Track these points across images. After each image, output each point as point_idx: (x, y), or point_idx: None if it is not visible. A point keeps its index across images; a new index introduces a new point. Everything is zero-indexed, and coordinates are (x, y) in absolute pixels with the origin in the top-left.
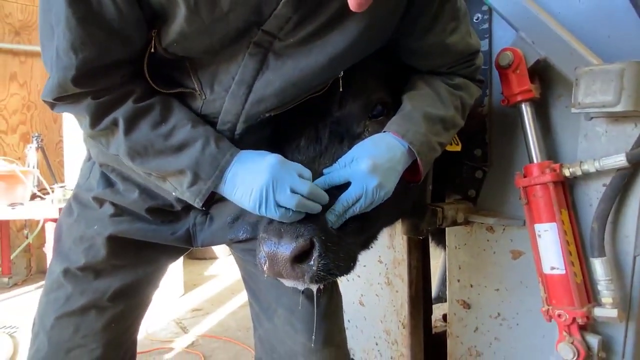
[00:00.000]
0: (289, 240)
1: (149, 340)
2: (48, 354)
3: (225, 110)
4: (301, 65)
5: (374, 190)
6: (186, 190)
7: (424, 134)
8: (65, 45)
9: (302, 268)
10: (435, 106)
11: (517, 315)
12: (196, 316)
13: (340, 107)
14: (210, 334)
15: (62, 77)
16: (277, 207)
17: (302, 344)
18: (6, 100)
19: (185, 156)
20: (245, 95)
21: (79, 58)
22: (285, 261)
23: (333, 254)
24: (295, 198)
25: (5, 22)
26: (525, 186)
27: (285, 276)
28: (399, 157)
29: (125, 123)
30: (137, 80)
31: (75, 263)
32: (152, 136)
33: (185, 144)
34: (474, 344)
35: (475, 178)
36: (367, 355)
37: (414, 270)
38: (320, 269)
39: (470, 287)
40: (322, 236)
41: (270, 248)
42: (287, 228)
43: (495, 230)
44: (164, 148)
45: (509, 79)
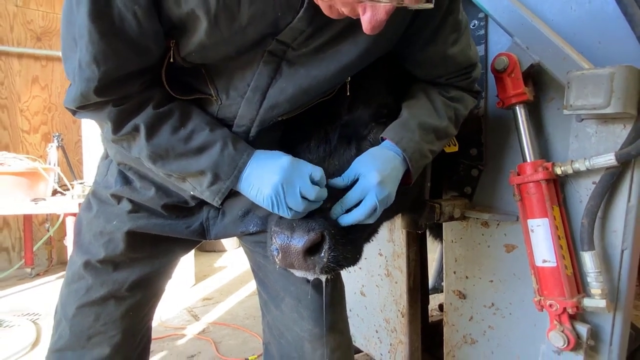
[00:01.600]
0: (302, 233)
1: (163, 327)
2: (71, 340)
3: (240, 115)
4: (313, 73)
5: (384, 202)
6: (206, 189)
7: (417, 142)
8: (88, 58)
9: (313, 260)
10: (431, 116)
11: (510, 305)
12: (207, 305)
13: (349, 111)
14: (220, 321)
15: (85, 88)
16: (288, 209)
17: (308, 330)
18: (29, 102)
19: (205, 158)
20: (260, 102)
21: (101, 70)
22: (297, 253)
23: (342, 247)
24: (303, 204)
25: (27, 29)
26: (518, 184)
27: (297, 267)
28: (398, 165)
29: (147, 129)
30: (155, 87)
31: (96, 256)
32: (172, 140)
33: (204, 147)
34: (469, 332)
35: (471, 176)
36: (367, 342)
37: (412, 262)
38: (330, 261)
39: (466, 278)
40: (331, 230)
41: (283, 241)
42: (299, 222)
43: (489, 225)
44: (185, 151)
45: (504, 82)
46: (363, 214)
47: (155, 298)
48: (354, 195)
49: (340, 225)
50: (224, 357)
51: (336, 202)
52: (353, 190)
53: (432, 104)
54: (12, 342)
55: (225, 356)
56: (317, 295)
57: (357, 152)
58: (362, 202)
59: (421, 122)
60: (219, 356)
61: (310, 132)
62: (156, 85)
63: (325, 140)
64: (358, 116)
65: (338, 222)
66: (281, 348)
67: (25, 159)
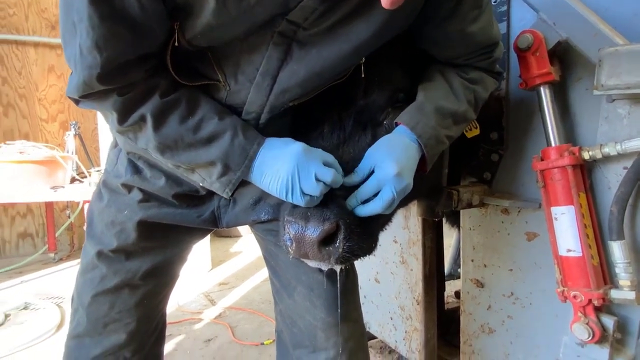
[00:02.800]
0: (316, 223)
1: (181, 311)
2: (88, 328)
3: (249, 101)
4: (325, 54)
5: (402, 193)
6: (216, 180)
7: (433, 127)
8: (89, 44)
9: (328, 250)
10: (448, 99)
11: (530, 295)
12: (223, 289)
13: (365, 96)
14: (236, 306)
15: (87, 75)
16: (302, 195)
17: (321, 319)
18: (46, 90)
19: (215, 148)
20: (270, 87)
21: (104, 56)
22: (312, 244)
23: (357, 236)
24: (319, 186)
25: (42, 17)
26: (542, 169)
27: (311, 258)
28: (414, 153)
29: (154, 119)
30: (161, 73)
31: (108, 246)
32: (181, 130)
33: (214, 136)
34: (487, 321)
35: (491, 161)
36: (382, 328)
37: (428, 250)
38: (345, 251)
39: (484, 267)
40: (347, 220)
41: (297, 231)
42: (313, 211)
43: (510, 212)
44: (194, 141)
45: (528, 61)
46: (380, 206)
47: (169, 286)
48: (370, 187)
49: (355, 214)
50: (239, 341)
51: (351, 190)
52: (369, 181)
53: (449, 86)
54: (38, 324)
55: (241, 340)
56: (330, 284)
57: (373, 138)
58: (379, 195)
59: (438, 106)
60: (235, 340)
61: (323, 118)
62: (162, 72)
63: (340, 126)
64: (374, 100)
65: (353, 211)
66: (293, 336)
67: (44, 148)
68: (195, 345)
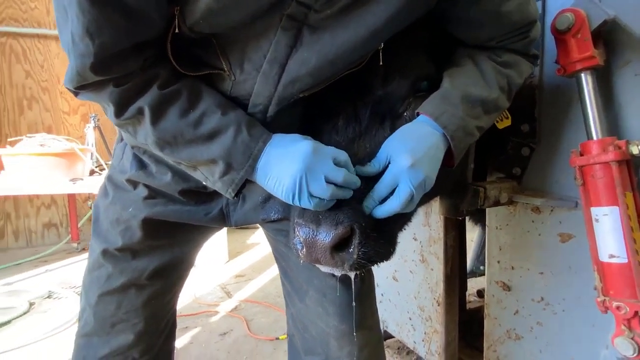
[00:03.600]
0: (328, 227)
1: (197, 303)
2: (95, 328)
3: (256, 93)
4: (339, 39)
5: (421, 187)
6: (218, 180)
7: (461, 117)
8: (80, 30)
9: (342, 256)
10: (478, 86)
11: (563, 301)
12: (239, 282)
13: (383, 85)
14: (252, 299)
15: (81, 65)
16: (310, 198)
17: (334, 327)
18: None
19: (217, 145)
20: (278, 76)
21: (96, 44)
22: (324, 249)
23: (374, 241)
24: (329, 189)
25: None
26: (581, 165)
27: (323, 264)
28: (436, 143)
29: (152, 112)
30: (161, 63)
31: (114, 244)
32: (180, 125)
33: (216, 132)
34: (514, 326)
35: (521, 155)
36: (400, 328)
37: (450, 249)
38: (360, 257)
39: (512, 269)
40: (362, 222)
41: (307, 235)
42: (325, 214)
43: (541, 211)
44: (194, 137)
45: (568, 44)
46: (398, 205)
47: (177, 285)
48: (386, 184)
49: (371, 216)
50: (255, 335)
51: (366, 189)
52: (384, 177)
53: (479, 70)
54: (61, 313)
55: (256, 334)
56: (343, 289)
57: (392, 132)
58: (395, 191)
59: (466, 94)
60: (250, 334)
61: (337, 110)
62: (162, 62)
63: (355, 119)
64: (393, 90)
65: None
66: (305, 342)
67: (64, 140)
68: (210, 338)
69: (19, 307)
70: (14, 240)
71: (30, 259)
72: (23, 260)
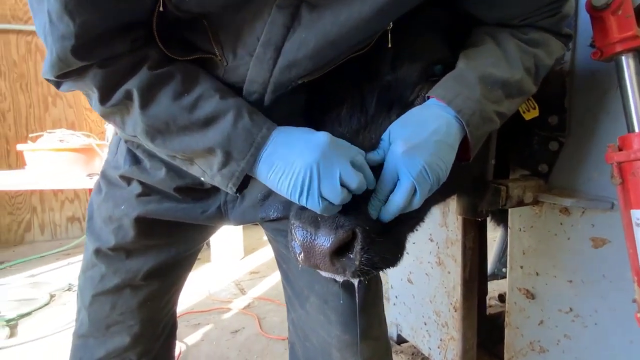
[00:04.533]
0: (328, 231)
1: (210, 300)
2: (90, 329)
3: (250, 79)
4: (341, 18)
5: (422, 173)
6: (217, 173)
7: (478, 101)
8: (58, 8)
9: (343, 262)
10: (498, 66)
11: (596, 313)
12: (254, 278)
13: (393, 69)
14: (265, 296)
15: (61, 48)
16: (320, 199)
17: (337, 337)
18: None
19: (215, 131)
20: (273, 60)
21: (77, 23)
22: (323, 255)
23: (378, 246)
24: (342, 193)
25: None
26: (620, 162)
27: (323, 269)
28: (446, 128)
29: (141, 95)
30: (151, 45)
31: (106, 243)
32: (173, 109)
33: (213, 117)
34: (538, 338)
35: (548, 150)
36: (415, 333)
37: (468, 251)
38: (363, 263)
39: (536, 275)
40: (365, 226)
41: (305, 238)
42: (324, 216)
43: (571, 213)
44: (189, 123)
45: (606, 23)
46: (401, 201)
47: (175, 287)
48: (387, 178)
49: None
50: (266, 334)
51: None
52: (383, 172)
53: (500, 49)
54: None
55: (267, 333)
56: (346, 296)
57: None
58: (396, 186)
59: (484, 74)
60: (262, 333)
61: (342, 98)
62: (152, 43)
63: (361, 107)
64: (403, 75)
65: (372, 215)
66: (306, 351)
67: (82, 136)
68: (222, 335)
69: (40, 298)
70: (40, 234)
71: (53, 251)
72: (47, 252)
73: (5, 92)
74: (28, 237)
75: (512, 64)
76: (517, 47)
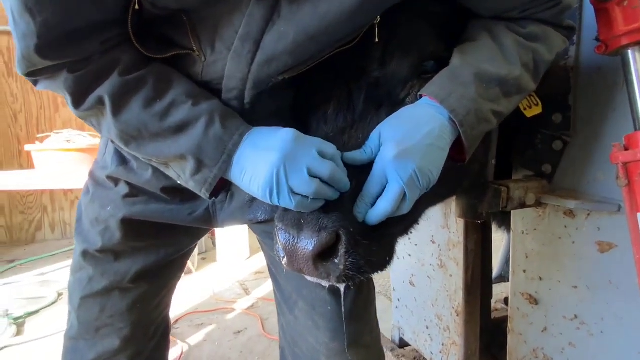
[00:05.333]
0: (310, 234)
1: (215, 300)
2: (79, 332)
3: (228, 75)
4: (321, 10)
5: (413, 177)
6: (190, 178)
7: (473, 100)
8: (18, 7)
9: (327, 267)
10: (495, 62)
11: (602, 321)
12: (258, 279)
13: (382, 65)
14: (269, 297)
15: (24, 47)
16: (292, 195)
17: (325, 344)
18: None
19: (186, 139)
20: (252, 54)
21: (38, 22)
22: (306, 259)
23: (364, 249)
24: (313, 183)
25: None
26: (626, 162)
27: (306, 274)
28: (439, 130)
29: (112, 101)
30: (123, 46)
31: (94, 245)
32: (144, 116)
33: (185, 125)
34: (541, 345)
35: (552, 150)
36: (416, 337)
37: (471, 254)
38: (348, 268)
39: (539, 280)
40: (350, 228)
41: (288, 241)
42: (308, 217)
43: (576, 216)
44: (160, 130)
45: (611, 15)
46: (388, 206)
47: (166, 290)
48: (375, 180)
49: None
50: (269, 335)
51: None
52: (372, 174)
53: (497, 44)
54: None
55: (270, 334)
56: (333, 302)
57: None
58: (385, 190)
59: (479, 71)
60: (264, 334)
61: (329, 95)
62: (124, 45)
63: (348, 105)
64: (392, 71)
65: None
66: (296, 357)
67: (88, 136)
68: (224, 336)
69: (48, 297)
70: (51, 232)
71: (63, 250)
72: (57, 251)
73: (17, 94)
74: (39, 236)
75: (510, 60)
76: (515, 42)
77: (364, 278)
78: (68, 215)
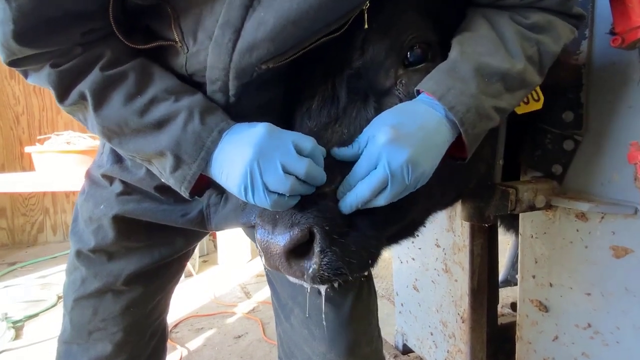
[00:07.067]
0: (283, 229)
1: (215, 303)
2: (72, 335)
3: (210, 65)
4: None
5: (402, 169)
6: (170, 175)
7: (474, 95)
8: None
9: (301, 265)
10: (497, 55)
11: (618, 331)
12: (260, 282)
13: (362, 53)
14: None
15: (2, 33)
16: (267, 193)
17: (321, 354)
18: None
19: (165, 135)
20: (233, 42)
21: (14, 7)
22: (279, 255)
23: (340, 249)
24: (288, 181)
25: None
26: None
27: (283, 272)
28: (435, 125)
29: (93, 97)
30: (106, 39)
31: (87, 245)
32: (124, 112)
33: (164, 121)
34: (552, 355)
35: (563, 150)
36: (420, 343)
37: (477, 258)
38: (323, 268)
39: (550, 286)
40: (325, 225)
41: (263, 237)
42: (282, 213)
43: (589, 219)
44: (140, 126)
45: (627, 5)
46: (367, 190)
47: (162, 294)
48: (362, 167)
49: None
50: (269, 340)
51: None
52: (360, 161)
53: (498, 35)
54: None
55: (270, 339)
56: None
57: (378, 113)
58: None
59: (480, 65)
60: (265, 338)
61: (313, 89)
62: (108, 39)
63: (332, 99)
64: (370, 58)
65: (340, 214)
66: None
67: (88, 138)
68: (224, 341)
69: (47, 300)
70: (52, 235)
71: (65, 252)
72: (59, 254)
73: (19, 96)
74: (41, 238)
75: (512, 53)
76: (518, 33)
77: (340, 280)
78: (70, 218)
